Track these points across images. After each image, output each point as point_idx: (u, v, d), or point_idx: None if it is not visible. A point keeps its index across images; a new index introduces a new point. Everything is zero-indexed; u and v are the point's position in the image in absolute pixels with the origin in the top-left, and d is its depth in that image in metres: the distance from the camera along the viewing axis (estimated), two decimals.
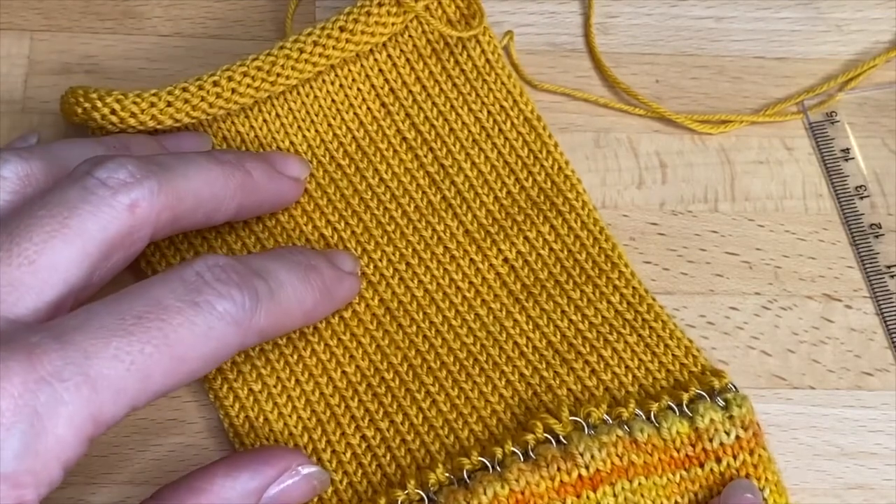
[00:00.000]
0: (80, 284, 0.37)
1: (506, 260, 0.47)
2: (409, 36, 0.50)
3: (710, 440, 0.43)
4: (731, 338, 0.48)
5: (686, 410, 0.43)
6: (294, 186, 0.46)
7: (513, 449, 0.42)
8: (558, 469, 0.41)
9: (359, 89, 0.50)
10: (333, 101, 0.49)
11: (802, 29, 0.54)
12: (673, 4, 0.55)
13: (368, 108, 0.49)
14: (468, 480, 0.41)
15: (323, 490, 0.41)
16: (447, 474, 0.42)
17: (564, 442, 0.42)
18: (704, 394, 0.43)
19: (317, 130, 0.49)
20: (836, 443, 0.46)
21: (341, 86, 0.49)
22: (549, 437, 0.42)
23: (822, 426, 0.46)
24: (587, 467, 0.41)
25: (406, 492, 0.41)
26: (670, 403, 0.43)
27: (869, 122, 0.52)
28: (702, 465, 0.43)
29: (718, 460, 0.43)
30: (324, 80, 0.49)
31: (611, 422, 0.42)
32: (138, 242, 0.39)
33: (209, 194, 0.41)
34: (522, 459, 0.41)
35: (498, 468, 0.41)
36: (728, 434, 0.43)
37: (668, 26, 0.54)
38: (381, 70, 0.50)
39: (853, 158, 0.51)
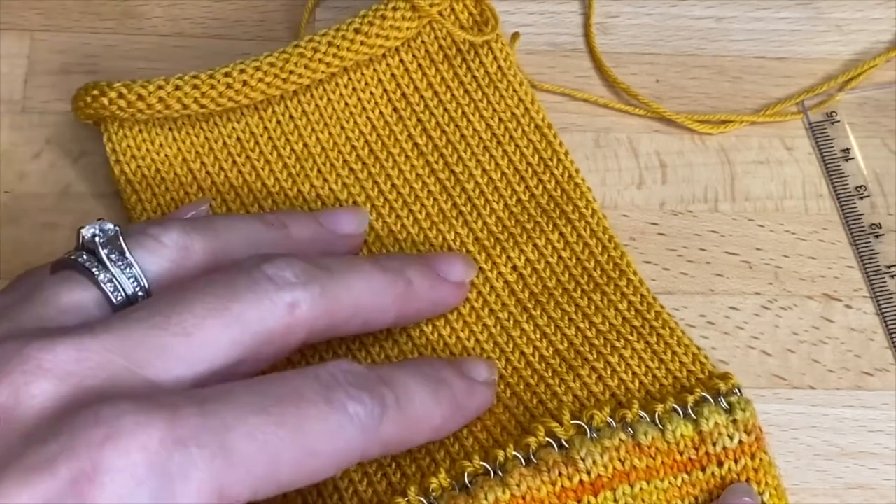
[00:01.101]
0: (225, 371, 0.37)
1: (514, 268, 0.47)
2: (422, 42, 0.50)
3: (714, 444, 0.43)
4: (731, 338, 0.48)
5: (690, 413, 0.43)
6: (456, 291, 0.45)
7: (514, 453, 0.42)
8: (560, 474, 0.41)
9: (371, 93, 0.50)
10: (347, 104, 0.49)
11: (802, 29, 0.54)
12: (673, 4, 0.55)
13: (381, 113, 0.49)
14: (469, 486, 0.41)
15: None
16: (449, 479, 0.42)
17: (566, 446, 0.42)
18: (709, 397, 0.43)
19: (330, 133, 0.49)
20: (836, 443, 0.46)
21: (354, 89, 0.49)
22: (550, 441, 0.42)
23: (822, 426, 0.46)
24: (589, 472, 0.41)
25: (407, 499, 0.41)
26: (675, 406, 0.43)
27: (869, 122, 0.52)
28: (703, 469, 0.43)
29: (720, 464, 0.43)
30: (337, 84, 0.49)
31: (614, 425, 0.42)
32: (291, 344, 0.39)
33: (369, 303, 0.41)
34: (524, 464, 0.41)
35: (499, 473, 0.41)
36: (731, 438, 0.43)
37: (668, 26, 0.54)
38: (393, 75, 0.50)
39: (853, 158, 0.51)
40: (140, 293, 0.39)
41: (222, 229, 0.42)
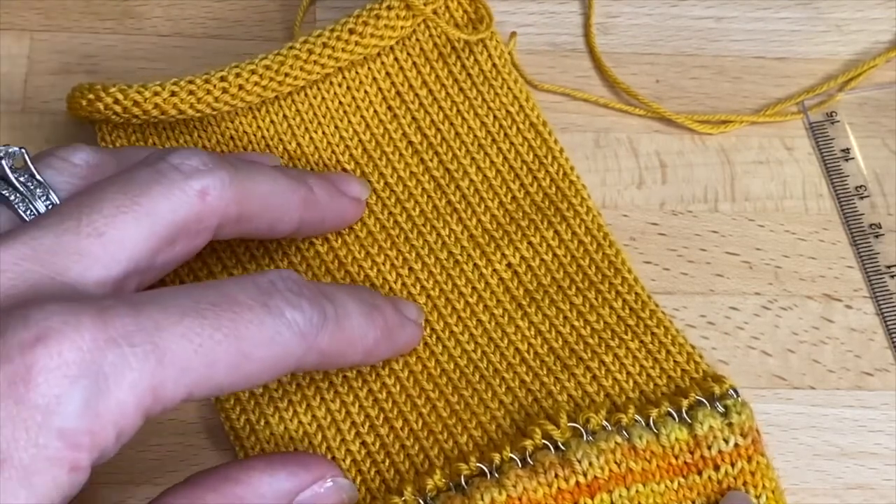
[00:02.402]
0: (144, 265, 0.38)
1: (509, 265, 0.47)
2: (417, 40, 0.50)
3: (709, 447, 0.42)
4: (731, 338, 0.48)
5: (685, 417, 0.43)
6: (355, 206, 0.46)
7: (511, 455, 0.42)
8: (556, 476, 0.41)
9: (365, 92, 0.50)
10: (340, 103, 0.49)
11: (802, 29, 0.54)
12: (673, 4, 0.55)
13: (375, 111, 0.49)
14: (466, 486, 0.41)
15: None
16: (445, 480, 0.42)
17: (563, 448, 0.42)
18: (704, 400, 0.43)
19: (324, 132, 0.49)
20: (836, 443, 0.46)
21: (348, 88, 0.49)
22: (547, 443, 0.42)
23: (822, 426, 0.46)
24: (585, 474, 0.41)
25: (403, 498, 0.41)
26: (670, 410, 0.43)
27: (869, 122, 0.52)
28: (700, 473, 0.42)
29: (716, 468, 0.42)
30: (331, 83, 0.49)
31: (610, 428, 0.42)
32: (204, 233, 0.40)
33: (275, 202, 0.42)
34: (520, 466, 0.41)
35: (496, 474, 0.41)
36: (727, 442, 0.43)
37: (668, 26, 0.54)
38: (387, 73, 0.50)
39: (853, 158, 0.51)
40: None
41: (135, 155, 0.42)
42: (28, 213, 0.39)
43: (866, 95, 0.53)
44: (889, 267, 0.49)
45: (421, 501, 0.41)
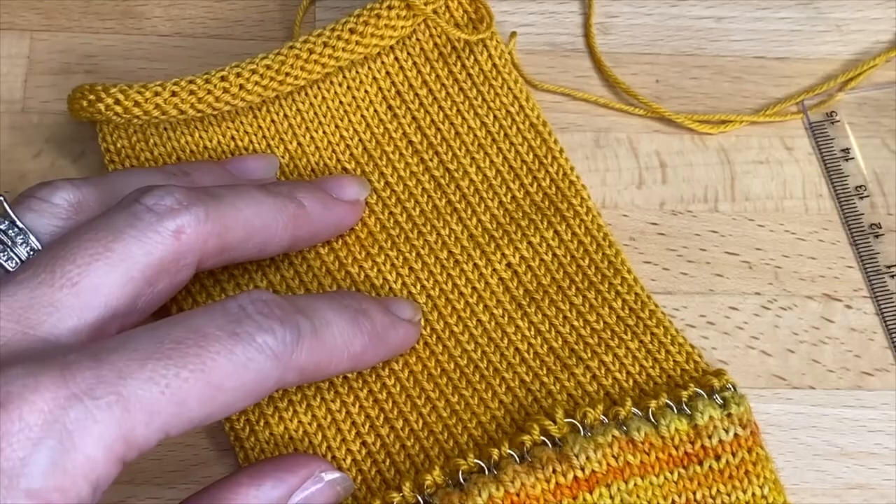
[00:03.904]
0: (124, 309, 0.38)
1: (509, 265, 0.47)
2: (417, 39, 0.50)
3: (710, 437, 0.43)
4: (731, 338, 0.48)
5: (685, 408, 0.43)
6: (352, 210, 0.46)
7: (509, 451, 0.42)
8: (553, 471, 0.41)
9: (366, 91, 0.50)
10: (341, 102, 0.49)
11: (802, 29, 0.54)
12: (673, 4, 0.55)
13: (375, 111, 0.49)
14: (463, 483, 0.41)
15: (347, 495, 0.41)
16: (443, 477, 0.42)
17: (560, 444, 0.42)
18: (703, 392, 0.43)
19: (324, 132, 0.49)
20: (836, 443, 0.46)
21: (349, 87, 0.49)
22: (545, 439, 0.42)
23: (822, 426, 0.46)
24: (582, 469, 0.41)
25: (402, 494, 0.41)
26: (668, 401, 0.43)
27: (869, 122, 0.52)
28: (701, 463, 0.43)
29: (717, 458, 0.43)
30: (332, 82, 0.49)
31: (607, 422, 0.42)
32: (185, 270, 0.40)
33: (260, 225, 0.42)
34: (518, 462, 0.42)
35: (493, 470, 0.41)
36: (727, 431, 0.43)
37: (668, 26, 0.54)
38: (388, 73, 0.50)
39: (853, 158, 0.51)
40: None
41: (118, 183, 0.42)
42: (9, 261, 0.40)
43: (866, 95, 0.53)
44: (889, 267, 0.49)
45: (419, 497, 0.41)
